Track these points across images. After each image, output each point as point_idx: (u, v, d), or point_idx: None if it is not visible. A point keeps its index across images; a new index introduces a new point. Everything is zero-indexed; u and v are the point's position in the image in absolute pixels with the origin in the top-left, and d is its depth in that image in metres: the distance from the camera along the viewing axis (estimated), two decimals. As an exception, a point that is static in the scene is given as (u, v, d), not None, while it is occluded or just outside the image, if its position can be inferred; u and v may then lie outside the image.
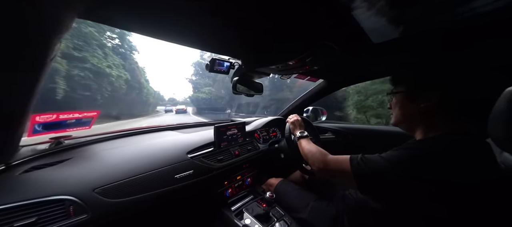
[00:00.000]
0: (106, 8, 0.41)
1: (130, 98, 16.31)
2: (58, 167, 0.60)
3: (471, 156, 0.43)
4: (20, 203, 0.47)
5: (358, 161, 0.52)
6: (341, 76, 1.16)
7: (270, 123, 1.35)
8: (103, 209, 0.56)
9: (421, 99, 0.51)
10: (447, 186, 0.41)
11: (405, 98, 0.56)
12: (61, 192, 0.52)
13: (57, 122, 0.66)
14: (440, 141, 0.46)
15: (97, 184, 0.58)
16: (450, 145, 0.44)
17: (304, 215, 0.78)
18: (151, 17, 0.47)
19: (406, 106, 0.55)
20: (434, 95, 0.49)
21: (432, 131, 0.51)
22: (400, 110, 0.57)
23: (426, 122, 0.52)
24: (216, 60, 0.82)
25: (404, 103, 0.56)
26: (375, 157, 0.50)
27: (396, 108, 0.58)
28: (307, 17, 0.48)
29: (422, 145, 0.48)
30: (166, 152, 0.80)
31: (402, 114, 0.57)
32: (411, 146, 0.49)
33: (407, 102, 0.55)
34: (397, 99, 0.58)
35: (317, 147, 0.71)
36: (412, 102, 0.53)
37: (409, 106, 0.54)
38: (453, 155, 0.43)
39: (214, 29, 0.54)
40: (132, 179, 0.64)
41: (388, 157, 0.48)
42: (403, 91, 0.56)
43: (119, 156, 0.72)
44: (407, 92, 0.55)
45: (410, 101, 0.54)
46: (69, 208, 0.51)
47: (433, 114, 0.50)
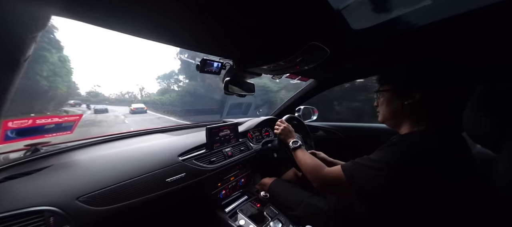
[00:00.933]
0: (85, 6, 0.38)
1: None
2: (35, 176, 0.56)
3: (455, 146, 0.49)
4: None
5: (351, 171, 0.53)
6: (331, 75, 1.20)
7: (262, 122, 1.35)
8: (88, 218, 0.53)
9: (405, 97, 0.55)
10: (441, 178, 0.45)
11: (391, 96, 0.59)
12: (39, 202, 0.48)
13: (34, 127, 0.61)
14: (428, 134, 0.50)
15: (81, 192, 0.54)
16: (437, 137, 0.48)
17: (298, 212, 0.80)
18: (136, 16, 0.44)
19: (392, 103, 0.59)
20: (418, 93, 0.53)
21: (416, 126, 0.55)
22: (387, 107, 0.60)
23: (411, 117, 0.56)
24: (207, 61, 0.80)
25: (390, 100, 0.59)
26: (366, 162, 0.52)
27: (383, 105, 0.61)
28: (297, 17, 0.49)
29: (409, 139, 0.52)
30: (156, 156, 0.77)
31: (389, 110, 0.60)
32: (400, 141, 0.52)
33: (394, 100, 0.59)
34: (384, 97, 0.61)
35: (313, 159, 0.71)
36: (398, 99, 0.57)
37: (395, 103, 0.58)
38: (442, 147, 0.47)
39: (204, 28, 0.53)
40: (120, 185, 0.61)
41: (379, 158, 0.50)
42: (390, 90, 0.59)
43: (105, 161, 0.69)
44: (394, 91, 0.59)
45: (396, 99, 0.58)
46: (49, 219, 0.48)
47: (417, 110, 0.54)
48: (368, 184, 0.49)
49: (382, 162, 0.49)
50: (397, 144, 0.51)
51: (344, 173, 0.54)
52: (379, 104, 0.64)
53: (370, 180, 0.49)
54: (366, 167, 0.51)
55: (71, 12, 0.39)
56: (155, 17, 0.46)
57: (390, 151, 0.50)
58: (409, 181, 0.46)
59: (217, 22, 0.49)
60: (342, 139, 1.43)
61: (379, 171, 0.48)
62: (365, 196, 0.52)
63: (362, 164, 0.53)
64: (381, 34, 0.60)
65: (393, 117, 0.60)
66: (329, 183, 0.59)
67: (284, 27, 0.54)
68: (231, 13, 0.46)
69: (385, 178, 0.47)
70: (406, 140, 0.52)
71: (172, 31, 0.54)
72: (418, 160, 0.46)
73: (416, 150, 0.47)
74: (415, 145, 0.48)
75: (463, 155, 0.49)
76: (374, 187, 0.48)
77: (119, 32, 0.49)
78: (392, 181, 0.47)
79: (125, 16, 0.44)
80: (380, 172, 0.48)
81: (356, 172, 0.52)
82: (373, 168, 0.49)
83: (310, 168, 0.68)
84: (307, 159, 0.72)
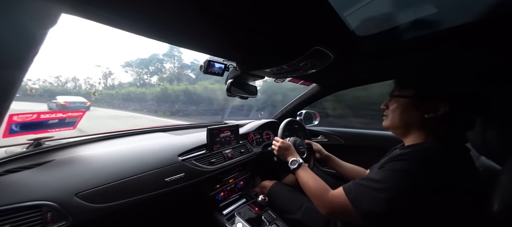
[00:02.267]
0: (93, 4, 0.39)
1: None
2: (36, 170, 0.56)
3: (464, 160, 0.46)
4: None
5: (354, 194, 0.50)
6: (334, 81, 1.19)
7: (264, 125, 1.35)
8: (86, 215, 0.53)
9: (427, 109, 0.49)
10: (453, 191, 0.43)
11: (409, 105, 0.52)
12: (38, 197, 0.48)
13: (38, 122, 0.62)
14: (435, 148, 0.48)
15: (80, 188, 0.54)
16: (444, 151, 0.46)
17: (298, 216, 0.78)
18: (142, 15, 0.45)
19: (408, 112, 0.52)
20: (443, 107, 0.47)
21: (425, 138, 0.51)
22: (400, 115, 0.54)
23: (423, 130, 0.51)
24: (211, 62, 0.81)
25: (406, 108, 0.53)
26: (369, 184, 0.48)
27: (396, 112, 0.55)
28: (301, 21, 0.49)
29: (414, 153, 0.49)
30: (156, 154, 0.77)
31: (402, 119, 0.54)
32: (404, 155, 0.49)
33: (411, 109, 0.52)
34: (399, 103, 0.54)
35: (316, 181, 0.65)
36: (417, 109, 0.51)
37: (412, 113, 0.52)
38: (455, 161, 0.45)
39: (209, 31, 0.54)
40: (119, 183, 0.61)
41: (382, 178, 0.47)
42: (410, 97, 0.52)
43: (105, 158, 0.69)
44: (413, 99, 0.52)
45: (414, 108, 0.51)
46: (47, 214, 0.48)
47: (435, 123, 0.49)
48: (374, 208, 0.46)
49: (386, 182, 0.45)
50: (401, 160, 0.48)
51: (347, 196, 0.50)
52: (390, 109, 0.57)
53: (376, 204, 0.46)
54: (369, 189, 0.48)
55: (80, 10, 0.40)
56: (162, 18, 0.47)
57: (394, 170, 0.47)
58: (416, 200, 0.43)
59: (222, 24, 0.50)
60: (343, 144, 1.41)
61: (384, 193, 0.45)
62: (372, 220, 0.48)
63: (365, 185, 0.49)
64: (385, 41, 0.60)
65: (405, 127, 0.55)
66: (336, 210, 0.55)
67: (289, 31, 0.54)
68: (235, 16, 0.46)
69: (391, 200, 0.44)
70: (411, 155, 0.49)
71: (178, 32, 0.55)
72: (425, 177, 0.44)
73: (422, 166, 0.45)
74: (421, 161, 0.46)
75: (469, 168, 0.47)
76: (381, 210, 0.45)
77: (125, 31, 0.50)
78: (399, 203, 0.44)
79: (133, 16, 0.45)
80: (385, 194, 0.44)
81: (359, 194, 0.49)
82: (377, 189, 0.46)
83: (313, 191, 0.63)
84: (309, 180, 0.67)
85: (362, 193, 0.49)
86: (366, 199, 0.47)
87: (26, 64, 0.42)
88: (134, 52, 36.61)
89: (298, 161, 0.76)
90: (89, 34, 38.02)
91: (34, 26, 0.37)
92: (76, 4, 0.37)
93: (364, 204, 0.48)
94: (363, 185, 0.50)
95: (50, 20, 0.38)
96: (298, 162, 0.75)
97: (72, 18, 0.43)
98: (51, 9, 0.36)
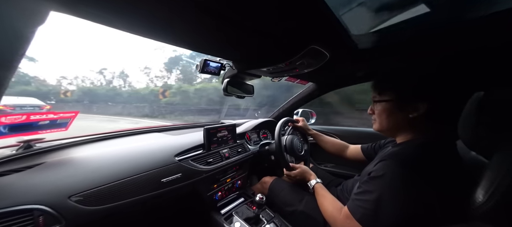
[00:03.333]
0: (86, 2, 0.38)
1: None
2: (26, 173, 0.55)
3: (451, 156, 0.49)
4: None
5: (358, 214, 0.50)
6: (330, 79, 1.21)
7: (260, 124, 1.35)
8: (80, 218, 0.52)
9: (410, 110, 0.53)
10: (435, 187, 0.45)
11: (393, 107, 0.56)
12: (29, 200, 0.47)
13: (28, 123, 0.60)
14: (425, 145, 0.50)
15: (73, 191, 0.53)
16: (433, 148, 0.49)
17: (300, 207, 0.79)
18: (136, 14, 0.44)
19: (394, 115, 0.56)
20: (423, 106, 0.51)
21: (415, 135, 0.55)
22: (387, 119, 0.58)
23: (412, 128, 0.55)
24: (207, 61, 0.80)
25: (391, 111, 0.56)
26: (366, 197, 0.50)
27: (382, 116, 0.59)
28: (297, 21, 0.49)
29: (404, 151, 0.52)
30: (152, 155, 0.76)
31: (390, 122, 0.57)
32: (394, 156, 0.51)
33: (395, 111, 0.56)
34: (383, 107, 0.58)
35: (329, 203, 0.66)
36: (401, 111, 0.55)
37: (397, 115, 0.55)
38: (436, 157, 0.48)
39: (205, 29, 0.53)
40: (114, 184, 0.60)
41: (376, 188, 0.49)
42: (392, 100, 0.56)
43: (99, 159, 0.67)
44: (396, 102, 0.55)
45: (399, 110, 0.55)
46: (38, 218, 0.46)
47: (419, 122, 0.53)
48: (385, 222, 0.47)
49: (377, 191, 0.48)
50: (388, 159, 0.50)
51: (353, 216, 0.51)
52: (376, 113, 0.61)
53: (384, 218, 0.47)
54: (368, 203, 0.49)
55: (71, 8, 0.38)
56: (157, 16, 0.46)
57: (380, 177, 0.49)
58: (414, 198, 0.46)
59: (218, 23, 0.49)
60: None
61: (383, 205, 0.47)
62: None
63: (363, 200, 0.51)
64: (380, 40, 0.61)
65: (393, 128, 0.58)
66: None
67: (285, 30, 0.54)
68: (232, 15, 0.46)
69: (392, 207, 0.46)
70: (401, 154, 0.51)
71: (174, 31, 0.54)
72: (416, 175, 0.46)
73: (412, 164, 0.47)
74: (411, 159, 0.48)
75: (456, 163, 0.50)
76: (394, 220, 0.46)
77: (119, 30, 0.49)
78: (399, 207, 0.46)
79: (127, 14, 0.44)
80: (386, 206, 0.46)
81: (362, 212, 0.50)
82: (373, 201, 0.48)
83: (328, 212, 0.63)
84: (324, 202, 0.68)
85: (365, 209, 0.50)
86: (370, 216, 0.48)
87: (14, 63, 0.40)
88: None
89: (312, 184, 0.78)
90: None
91: (22, 25, 0.36)
92: (66, 1, 0.36)
93: (371, 223, 0.48)
94: (361, 200, 0.51)
95: (39, 18, 0.36)
96: (313, 185, 0.78)
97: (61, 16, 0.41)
98: (39, 6, 0.35)
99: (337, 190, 0.82)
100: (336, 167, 1.38)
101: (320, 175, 0.99)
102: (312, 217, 0.72)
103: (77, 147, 0.78)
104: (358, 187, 0.55)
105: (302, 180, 0.85)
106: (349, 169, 1.30)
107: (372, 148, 0.86)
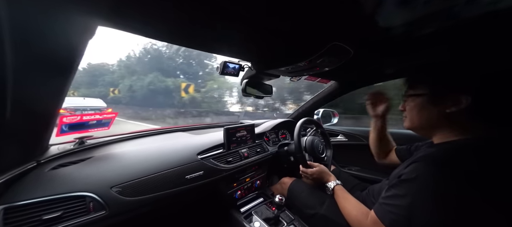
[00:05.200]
0: (125, 17, 0.44)
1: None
2: (80, 165, 0.65)
3: (494, 158, 0.42)
4: (49, 197, 0.51)
5: (388, 219, 0.46)
6: (354, 77, 1.12)
7: (279, 125, 1.34)
8: (119, 207, 0.59)
9: (447, 104, 0.47)
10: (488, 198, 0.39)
11: (426, 102, 0.51)
12: (83, 189, 0.56)
13: (81, 123, 0.71)
14: (473, 147, 0.43)
15: (114, 182, 0.61)
16: (484, 151, 0.42)
17: (321, 210, 0.76)
18: (165, 24, 0.49)
19: (427, 110, 0.51)
20: (465, 99, 0.44)
21: (456, 135, 0.47)
22: (418, 115, 0.53)
23: (450, 126, 0.48)
24: (226, 63, 0.83)
25: (424, 107, 0.51)
26: (395, 202, 0.45)
27: (414, 111, 0.54)
28: (319, 16, 0.47)
29: (444, 153, 0.45)
30: (177, 153, 0.82)
31: (421, 118, 0.52)
32: (431, 157, 0.45)
33: (429, 106, 0.50)
34: (415, 102, 0.53)
35: (354, 205, 0.62)
36: (435, 106, 0.49)
37: (431, 110, 0.50)
38: (485, 160, 0.41)
39: (225, 33, 0.55)
40: (145, 178, 0.67)
41: (406, 191, 0.44)
42: (425, 94, 0.51)
43: (134, 156, 0.76)
44: (429, 96, 0.50)
45: (432, 105, 0.49)
46: (90, 204, 0.55)
47: (460, 118, 0.46)
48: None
49: (409, 196, 0.42)
50: (420, 161, 0.44)
51: (382, 222, 0.47)
52: (407, 109, 0.56)
53: (417, 224, 0.42)
54: (399, 208, 0.44)
55: (114, 22, 0.45)
56: (183, 25, 0.50)
57: (412, 180, 0.43)
58: (449, 205, 0.40)
59: (238, 26, 0.51)
60: (366, 145, 1.32)
61: (416, 210, 0.42)
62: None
63: (393, 205, 0.46)
64: (412, 32, 0.54)
65: (427, 126, 0.52)
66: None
67: (305, 27, 0.52)
68: (252, 16, 0.46)
69: (426, 214, 0.41)
70: (438, 156, 0.45)
71: (198, 37, 0.58)
72: (456, 178, 0.40)
73: (451, 167, 0.41)
74: (449, 160, 0.42)
75: (501, 166, 0.41)
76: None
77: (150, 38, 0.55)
78: (435, 213, 0.40)
79: (158, 26, 0.49)
80: (419, 212, 0.42)
81: (393, 218, 0.45)
82: (405, 207, 0.43)
83: (351, 217, 0.60)
84: (347, 205, 0.64)
85: (395, 215, 0.45)
86: (402, 223, 0.44)
87: (72, 72, 0.48)
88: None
89: (330, 187, 0.74)
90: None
91: (77, 39, 0.43)
92: (110, 17, 0.42)
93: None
94: (391, 205, 0.47)
95: (90, 33, 0.43)
96: (331, 187, 0.73)
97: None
98: (90, 23, 0.41)
99: (362, 194, 0.76)
100: (362, 171, 1.28)
101: (343, 178, 0.93)
102: (335, 221, 0.68)
103: (116, 144, 0.89)
104: (386, 190, 0.50)
105: (319, 179, 0.81)
106: (376, 173, 1.18)
107: (407, 149, 0.77)
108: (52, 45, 0.41)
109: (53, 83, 0.49)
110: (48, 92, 0.49)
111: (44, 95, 0.49)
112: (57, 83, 0.49)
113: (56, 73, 0.47)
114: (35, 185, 0.53)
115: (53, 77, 0.47)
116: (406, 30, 0.54)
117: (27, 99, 0.47)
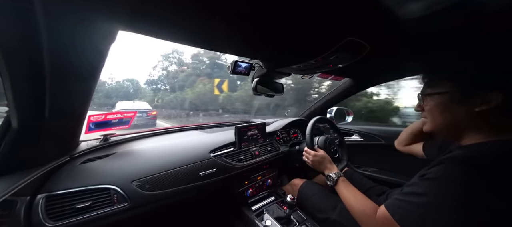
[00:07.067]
0: (145, 21, 0.47)
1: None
2: (105, 160, 0.70)
3: None
4: (80, 188, 0.56)
5: (401, 214, 0.43)
6: (370, 74, 1.07)
7: (290, 124, 1.32)
8: (139, 200, 0.63)
9: (475, 102, 0.41)
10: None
11: (450, 101, 0.45)
12: (108, 181, 0.61)
13: (105, 121, 0.77)
14: (498, 147, 0.39)
15: (134, 177, 0.65)
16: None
17: (333, 216, 0.73)
18: (180, 26, 0.51)
19: (452, 110, 0.45)
20: (496, 96, 0.39)
21: (486, 136, 0.42)
22: (441, 115, 0.47)
23: (481, 127, 0.43)
24: (237, 62, 0.84)
25: (447, 105, 0.46)
26: (412, 199, 0.42)
27: (435, 112, 0.48)
28: (333, 10, 0.45)
29: (476, 155, 0.40)
30: (191, 150, 0.86)
31: (446, 119, 0.47)
32: (460, 158, 0.40)
33: (454, 106, 0.45)
34: (436, 102, 0.47)
35: (358, 199, 0.59)
36: (462, 105, 0.44)
37: (456, 110, 0.45)
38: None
39: (237, 33, 0.56)
40: (162, 174, 0.71)
41: (431, 188, 0.40)
42: (449, 92, 0.45)
43: (152, 152, 0.81)
44: (454, 94, 0.45)
45: (458, 104, 0.44)
46: (114, 196, 0.59)
47: (491, 118, 0.41)
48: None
49: (430, 195, 0.39)
50: (458, 163, 0.39)
51: (393, 217, 0.44)
52: (427, 109, 0.50)
53: (428, 223, 0.39)
54: (414, 205, 0.41)
55: (134, 27, 0.48)
56: (195, 26, 0.51)
57: (437, 179, 0.39)
58: (470, 211, 0.36)
59: (249, 25, 0.51)
60: (383, 145, 1.24)
61: (432, 209, 0.38)
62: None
63: (407, 202, 0.43)
64: (435, 25, 0.50)
65: (451, 127, 0.46)
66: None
67: (317, 23, 0.51)
68: (264, 15, 0.46)
69: (442, 215, 0.37)
70: (469, 157, 0.40)
71: (210, 37, 0.60)
72: (473, 184, 0.36)
73: (469, 171, 0.37)
74: (470, 164, 0.37)
75: None
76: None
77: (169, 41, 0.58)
78: (453, 217, 0.37)
79: (175, 29, 0.52)
80: (434, 211, 0.38)
81: (405, 214, 0.42)
82: (421, 205, 0.40)
83: (356, 213, 0.56)
84: (350, 198, 0.60)
85: (408, 212, 0.42)
86: (415, 221, 0.40)
87: (97, 75, 0.53)
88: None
89: (333, 178, 0.69)
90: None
91: (101, 44, 0.47)
92: (131, 22, 0.45)
93: (415, 226, 0.40)
94: (406, 201, 0.43)
95: (112, 37, 0.46)
96: (334, 178, 0.69)
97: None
98: (111, 27, 0.45)
99: (379, 199, 0.71)
100: (379, 172, 1.21)
101: (357, 180, 0.88)
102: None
103: (135, 141, 0.95)
104: (404, 187, 0.47)
105: (320, 164, 0.78)
106: (396, 176, 1.11)
107: (437, 147, 0.68)
108: (80, 52, 0.46)
109: (82, 86, 0.53)
110: (78, 94, 0.55)
111: (75, 97, 0.55)
112: (86, 86, 0.54)
113: (84, 77, 0.52)
114: (69, 177, 0.59)
115: (82, 81, 0.52)
116: (430, 23, 0.50)
117: (61, 101, 0.52)
